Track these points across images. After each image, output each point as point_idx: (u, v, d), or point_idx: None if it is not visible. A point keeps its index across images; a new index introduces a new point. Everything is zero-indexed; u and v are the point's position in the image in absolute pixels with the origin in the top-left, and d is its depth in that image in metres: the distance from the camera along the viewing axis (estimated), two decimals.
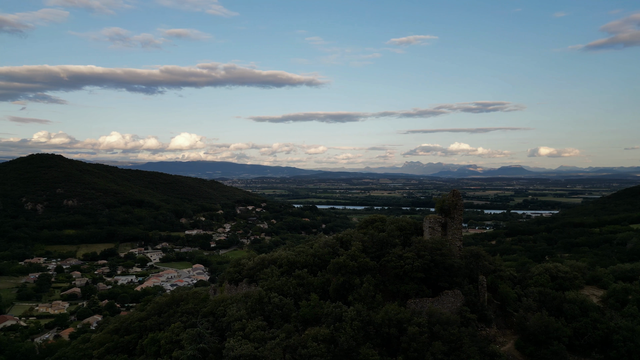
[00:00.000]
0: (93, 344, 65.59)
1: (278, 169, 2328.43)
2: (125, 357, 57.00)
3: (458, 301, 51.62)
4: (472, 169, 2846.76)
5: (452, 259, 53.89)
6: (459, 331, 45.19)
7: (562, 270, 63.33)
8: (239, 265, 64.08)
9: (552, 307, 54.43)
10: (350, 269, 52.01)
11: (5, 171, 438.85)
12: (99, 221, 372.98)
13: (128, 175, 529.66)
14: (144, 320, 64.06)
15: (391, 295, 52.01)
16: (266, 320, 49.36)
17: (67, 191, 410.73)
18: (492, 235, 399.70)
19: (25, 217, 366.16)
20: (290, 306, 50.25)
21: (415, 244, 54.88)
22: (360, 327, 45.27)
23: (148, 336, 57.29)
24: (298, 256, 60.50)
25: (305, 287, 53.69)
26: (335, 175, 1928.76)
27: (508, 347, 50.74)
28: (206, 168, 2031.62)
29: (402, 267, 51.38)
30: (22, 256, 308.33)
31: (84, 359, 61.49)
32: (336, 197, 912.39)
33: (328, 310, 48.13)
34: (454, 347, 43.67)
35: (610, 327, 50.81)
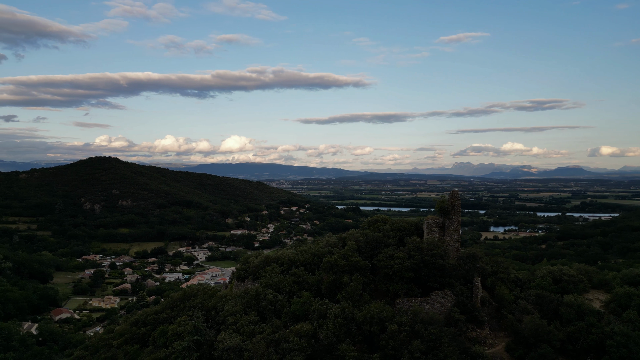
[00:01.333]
0: (114, 335, 70.66)
1: (324, 170, 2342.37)
2: (137, 347, 61.13)
3: (448, 302, 51.41)
4: (526, 170, 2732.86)
5: (444, 260, 53.68)
6: (440, 331, 45.24)
7: (567, 273, 61.30)
8: (246, 263, 66.74)
9: (549, 310, 53.10)
10: (341, 268, 53.17)
11: (67, 173, 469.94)
12: (151, 221, 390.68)
13: (178, 176, 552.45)
14: (159, 314, 68.22)
15: (382, 295, 52.63)
16: (260, 316, 51.58)
17: (122, 192, 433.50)
18: (542, 238, 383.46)
19: (84, 216, 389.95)
20: (283, 302, 52.18)
21: (409, 244, 55.12)
22: (342, 324, 46.42)
23: (158, 328, 61.18)
24: (299, 255, 62.34)
25: (300, 284, 55.44)
26: (382, 176, 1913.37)
27: (498, 349, 49.96)
28: (254, 170, 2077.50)
29: (391, 266, 51.93)
30: (80, 253, 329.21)
31: (104, 348, 66.58)
32: (381, 199, 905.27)
33: (315, 307, 49.59)
34: (432, 346, 43.80)
35: (605, 332, 48.99)
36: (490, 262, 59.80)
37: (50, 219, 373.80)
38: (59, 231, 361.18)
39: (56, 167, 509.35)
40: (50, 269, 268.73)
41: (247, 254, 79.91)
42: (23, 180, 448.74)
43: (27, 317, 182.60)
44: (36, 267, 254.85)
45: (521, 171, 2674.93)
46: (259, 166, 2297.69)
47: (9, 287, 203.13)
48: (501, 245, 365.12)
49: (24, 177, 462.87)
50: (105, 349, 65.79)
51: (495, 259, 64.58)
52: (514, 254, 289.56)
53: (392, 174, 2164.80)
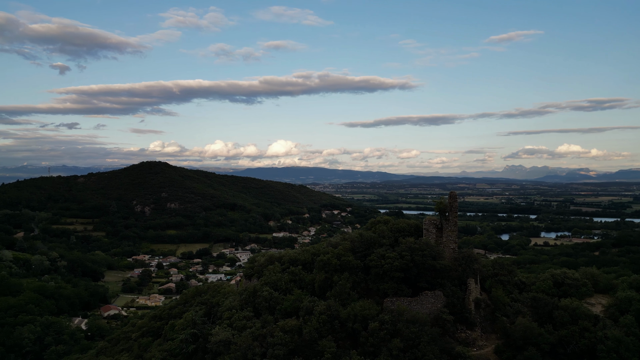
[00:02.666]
0: (135, 329, 75.22)
1: (369, 174, 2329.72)
2: (150, 340, 64.82)
3: (439, 302, 51.13)
4: (583, 173, 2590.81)
5: (436, 261, 53.40)
6: (420, 330, 45.20)
7: (571, 277, 59.31)
8: (253, 262, 69.03)
9: (544, 313, 51.60)
10: (333, 267, 54.22)
11: (120, 177, 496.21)
12: (197, 223, 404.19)
13: (224, 180, 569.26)
14: (173, 309, 71.93)
15: (373, 294, 53.15)
16: (255, 312, 53.55)
17: (170, 195, 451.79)
18: (595, 245, 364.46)
19: (135, 218, 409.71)
20: (278, 299, 53.94)
21: (402, 244, 55.23)
22: (326, 321, 47.47)
23: (169, 322, 64.55)
24: (300, 254, 63.94)
25: (297, 282, 56.94)
26: (428, 180, 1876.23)
27: (486, 350, 49.17)
28: (300, 173, 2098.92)
29: (382, 266, 52.32)
30: (131, 253, 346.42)
31: (124, 340, 71.19)
32: (427, 203, 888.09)
33: (303, 304, 50.87)
34: (411, 344, 43.86)
35: (598, 336, 47.07)
36: (492, 265, 58.83)
37: (104, 221, 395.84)
38: (112, 232, 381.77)
39: (111, 172, 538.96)
40: (102, 268, 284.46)
41: (255, 254, 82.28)
42: (81, 184, 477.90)
43: (78, 313, 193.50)
44: (89, 266, 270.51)
45: (578, 174, 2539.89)
46: (304, 170, 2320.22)
47: (63, 284, 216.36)
48: (550, 252, 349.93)
49: (82, 181, 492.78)
50: (125, 341, 70.41)
51: (501, 261, 63.34)
52: (562, 260, 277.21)
53: (439, 178, 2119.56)
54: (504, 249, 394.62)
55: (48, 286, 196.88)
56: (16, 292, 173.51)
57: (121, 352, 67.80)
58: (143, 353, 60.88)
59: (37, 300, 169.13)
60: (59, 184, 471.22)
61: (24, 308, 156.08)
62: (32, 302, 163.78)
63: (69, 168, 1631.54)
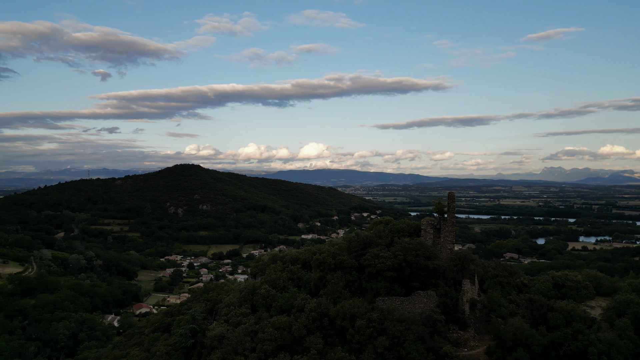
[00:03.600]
0: (148, 324, 78.18)
1: (401, 176, 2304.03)
2: (159, 335, 67.28)
3: (431, 302, 50.85)
4: (628, 175, 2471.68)
5: (429, 261, 53.12)
6: (406, 328, 45.14)
7: (572, 279, 57.69)
8: (260, 260, 70.47)
9: (538, 315, 50.41)
10: (328, 266, 54.80)
11: (155, 179, 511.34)
12: (227, 224, 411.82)
13: (255, 182, 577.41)
14: (182, 306, 74.38)
15: (367, 293, 53.39)
16: (252, 308, 54.78)
17: (202, 197, 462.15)
18: (636, 250, 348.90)
19: (168, 219, 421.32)
20: (275, 297, 54.96)
21: (396, 244, 55.19)
22: (316, 318, 48.17)
23: (177, 318, 66.78)
24: (302, 254, 64.82)
25: (295, 281, 57.85)
26: (463, 182, 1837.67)
27: (478, 351, 48.55)
28: (331, 176, 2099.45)
29: (375, 265, 52.46)
30: (164, 253, 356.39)
31: (137, 335, 74.25)
32: (460, 206, 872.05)
33: (296, 301, 51.69)
34: (396, 342, 43.85)
35: (590, 339, 45.57)
36: (495, 267, 57.82)
37: (139, 222, 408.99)
38: (147, 233, 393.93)
39: (146, 174, 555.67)
40: (135, 267, 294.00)
41: (262, 253, 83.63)
42: (118, 186, 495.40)
43: (111, 310, 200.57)
44: (123, 265, 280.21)
45: (622, 176, 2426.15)
46: (335, 172, 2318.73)
47: (98, 282, 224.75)
48: (587, 257, 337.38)
49: (119, 183, 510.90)
50: (138, 335, 73.39)
51: (504, 263, 62.21)
52: (598, 265, 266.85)
53: (473, 180, 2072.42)
54: (539, 253, 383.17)
55: (84, 284, 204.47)
56: (54, 289, 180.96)
57: (133, 346, 70.82)
58: (151, 347, 63.39)
59: (72, 297, 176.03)
60: (97, 186, 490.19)
61: (61, 305, 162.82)
62: (68, 300, 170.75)
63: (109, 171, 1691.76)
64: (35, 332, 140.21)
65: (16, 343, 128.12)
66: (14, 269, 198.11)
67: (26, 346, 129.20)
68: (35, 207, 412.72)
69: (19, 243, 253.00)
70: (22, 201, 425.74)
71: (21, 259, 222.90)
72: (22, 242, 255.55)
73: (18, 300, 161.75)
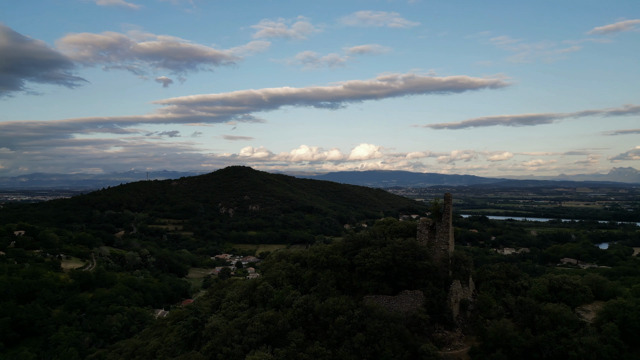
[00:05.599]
0: (171, 317, 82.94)
1: (455, 177, 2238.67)
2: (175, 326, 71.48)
3: (418, 302, 50.86)
4: None
5: (419, 261, 53.05)
6: (383, 325, 45.55)
7: (570, 282, 55.38)
8: (269, 259, 72.99)
9: (527, 317, 49.00)
10: (321, 264, 56.17)
11: (208, 181, 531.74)
12: (275, 224, 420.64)
13: (303, 184, 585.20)
14: (203, 300, 78.15)
15: (357, 291, 54.14)
16: (250, 303, 57.14)
17: (252, 198, 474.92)
18: None
19: (220, 219, 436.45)
20: (271, 293, 57.04)
21: (388, 244, 55.50)
22: (301, 313, 49.66)
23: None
24: (305, 252, 66.49)
25: (293, 278, 59.64)
26: (522, 183, 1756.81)
27: (461, 351, 48.08)
28: (382, 177, 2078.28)
29: (364, 264, 53.08)
30: (214, 252, 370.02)
31: (160, 326, 79.19)
32: (517, 208, 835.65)
33: (287, 297, 53.42)
34: (373, 339, 44.41)
35: (572, 343, 43.81)
36: (499, 269, 56.62)
37: (192, 221, 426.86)
38: (199, 232, 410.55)
39: (200, 176, 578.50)
40: (186, 265, 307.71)
41: (272, 251, 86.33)
42: (174, 187, 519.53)
43: (161, 305, 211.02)
44: (175, 263, 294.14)
45: None
46: (387, 173, 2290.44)
47: (151, 278, 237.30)
48: None
49: (175, 184, 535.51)
50: (161, 327, 78.35)
51: (507, 265, 60.87)
52: None
53: (533, 181, 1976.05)
54: (600, 258, 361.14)
55: (137, 280, 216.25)
56: (110, 284, 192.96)
57: (155, 336, 75.90)
58: (166, 337, 67.71)
59: (127, 292, 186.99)
60: (155, 187, 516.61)
61: (115, 299, 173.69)
62: (123, 294, 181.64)
63: (168, 172, 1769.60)
64: (90, 324, 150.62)
65: (73, 333, 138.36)
66: (76, 265, 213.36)
67: (82, 336, 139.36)
68: (99, 206, 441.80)
69: (82, 240, 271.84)
70: (88, 201, 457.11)
71: (83, 255, 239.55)
72: (84, 240, 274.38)
73: (77, 294, 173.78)
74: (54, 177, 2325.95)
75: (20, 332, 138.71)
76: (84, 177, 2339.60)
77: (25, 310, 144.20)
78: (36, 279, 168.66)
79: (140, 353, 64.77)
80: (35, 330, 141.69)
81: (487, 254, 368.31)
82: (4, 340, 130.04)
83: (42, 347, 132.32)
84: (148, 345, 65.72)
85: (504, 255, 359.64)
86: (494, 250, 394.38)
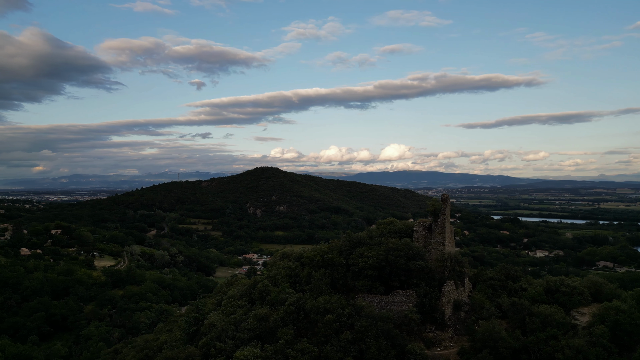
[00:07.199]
0: (183, 313, 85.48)
1: (488, 177, 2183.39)
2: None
3: (410, 302, 50.90)
4: None
5: (412, 261, 53.02)
6: (370, 324, 45.86)
7: (567, 284, 54.35)
8: (274, 258, 74.17)
9: (518, 319, 48.38)
10: (317, 263, 56.90)
11: (237, 181, 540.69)
12: (302, 225, 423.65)
13: (330, 184, 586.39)
14: (211, 298, 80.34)
15: (351, 290, 54.60)
16: (250, 301, 58.47)
17: (279, 198, 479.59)
18: None
19: (248, 219, 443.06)
20: (269, 291, 58.21)
21: (382, 244, 55.67)
22: (293, 311, 50.55)
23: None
24: (307, 252, 67.23)
25: (292, 277, 60.63)
26: (558, 184, 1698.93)
27: (451, 351, 47.92)
28: (412, 178, 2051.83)
29: (357, 264, 53.47)
30: (242, 252, 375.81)
31: (172, 323, 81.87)
32: (553, 209, 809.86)
33: (281, 295, 54.43)
34: (359, 337, 44.80)
35: (560, 345, 42.92)
36: (497, 270, 56.01)
37: (221, 221, 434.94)
38: (228, 232, 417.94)
39: (229, 177, 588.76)
40: (214, 264, 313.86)
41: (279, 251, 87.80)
42: (204, 188, 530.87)
43: (188, 303, 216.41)
44: (203, 262, 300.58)
45: None
46: (417, 174, 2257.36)
47: (179, 276, 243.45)
48: None
49: (205, 185, 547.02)
50: (172, 323, 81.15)
51: (507, 267, 60.10)
52: None
53: (571, 182, 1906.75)
54: (639, 262, 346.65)
55: (166, 278, 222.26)
56: (140, 282, 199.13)
57: (166, 332, 78.67)
58: (174, 333, 70.24)
59: (155, 290, 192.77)
60: (186, 187, 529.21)
61: (144, 296, 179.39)
62: (151, 292, 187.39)
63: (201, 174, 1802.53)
64: (120, 320, 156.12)
65: (103, 329, 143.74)
66: (108, 263, 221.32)
67: (111, 332, 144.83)
68: (132, 207, 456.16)
69: (114, 239, 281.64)
70: (122, 201, 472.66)
71: (115, 253, 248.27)
72: (116, 239, 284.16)
73: (109, 291, 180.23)
74: (93, 178, 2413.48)
75: (54, 327, 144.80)
76: (121, 177, 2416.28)
77: (59, 306, 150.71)
78: (70, 276, 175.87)
79: (148, 347, 67.69)
80: (67, 326, 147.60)
81: (519, 257, 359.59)
82: (39, 334, 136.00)
83: (73, 342, 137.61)
84: (158, 340, 68.54)
85: (535, 258, 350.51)
86: (525, 253, 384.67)
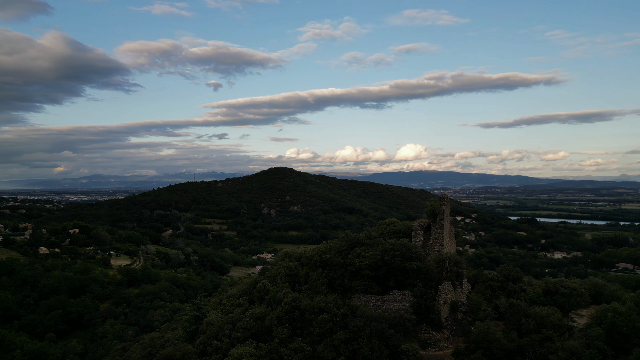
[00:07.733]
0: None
1: (506, 178, 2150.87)
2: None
3: (406, 302, 50.71)
4: None
5: (408, 262, 52.80)
6: (363, 324, 45.86)
7: (566, 285, 53.55)
8: (276, 257, 74.55)
9: (515, 320, 47.85)
10: (314, 263, 57.08)
11: (252, 182, 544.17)
12: (316, 225, 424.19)
13: (344, 184, 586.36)
14: (213, 297, 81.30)
15: (348, 290, 54.62)
16: (249, 301, 58.96)
17: (293, 198, 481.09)
18: None
19: (262, 219, 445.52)
20: (268, 290, 58.61)
21: (380, 245, 55.55)
22: (288, 310, 50.80)
23: None
24: (307, 252, 67.32)
25: (291, 277, 60.88)
26: (578, 184, 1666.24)
27: (445, 352, 47.69)
28: (428, 178, 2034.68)
29: (354, 264, 53.48)
30: (256, 251, 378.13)
31: (177, 321, 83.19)
32: (572, 210, 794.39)
33: (279, 295, 54.73)
34: (353, 337, 44.81)
35: (555, 347, 42.28)
36: (499, 271, 55.47)
37: (236, 221, 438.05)
38: (242, 232, 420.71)
39: (244, 177, 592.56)
40: (228, 264, 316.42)
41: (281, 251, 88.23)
42: (219, 188, 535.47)
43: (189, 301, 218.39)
44: (217, 261, 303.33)
45: None
46: (433, 174, 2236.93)
47: (193, 276, 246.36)
48: None
49: (220, 185, 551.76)
50: (177, 321, 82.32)
51: (508, 268, 59.51)
52: None
53: (591, 182, 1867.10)
54: None
55: (180, 277, 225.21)
56: (155, 281, 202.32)
57: (172, 329, 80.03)
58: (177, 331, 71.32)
59: (169, 288, 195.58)
60: (201, 188, 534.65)
61: (159, 295, 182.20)
62: (166, 290, 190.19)
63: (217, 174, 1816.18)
64: (135, 318, 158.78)
65: (119, 327, 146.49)
66: (124, 262, 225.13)
67: (126, 330, 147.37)
68: (149, 207, 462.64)
69: (131, 239, 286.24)
70: (139, 202, 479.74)
71: (131, 252, 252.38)
72: (133, 238, 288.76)
73: (124, 289, 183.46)
74: (112, 179, 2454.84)
75: (71, 325, 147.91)
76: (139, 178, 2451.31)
77: (75, 304, 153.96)
78: (87, 274, 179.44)
79: (153, 345, 68.96)
80: (84, 323, 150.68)
81: (536, 258, 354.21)
82: (56, 331, 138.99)
83: (89, 339, 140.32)
84: (162, 338, 69.83)
85: (553, 260, 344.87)
86: (543, 254, 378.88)
